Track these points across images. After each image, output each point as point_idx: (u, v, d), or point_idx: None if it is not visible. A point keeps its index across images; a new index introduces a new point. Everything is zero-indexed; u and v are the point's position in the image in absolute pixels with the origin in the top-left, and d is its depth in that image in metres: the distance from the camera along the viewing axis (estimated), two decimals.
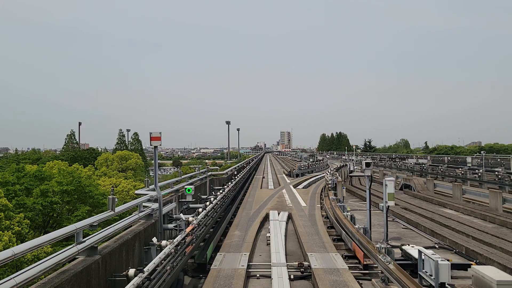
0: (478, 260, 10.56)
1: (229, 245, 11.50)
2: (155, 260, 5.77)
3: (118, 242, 5.97)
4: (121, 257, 6.01)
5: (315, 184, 29.64)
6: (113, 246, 5.80)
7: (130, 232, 6.69)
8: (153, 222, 8.17)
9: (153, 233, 8.14)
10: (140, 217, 7.59)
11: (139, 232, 7.00)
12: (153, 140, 8.32)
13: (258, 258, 10.98)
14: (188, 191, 12.33)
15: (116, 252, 5.79)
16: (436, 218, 16.32)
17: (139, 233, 6.95)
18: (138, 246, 6.92)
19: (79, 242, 5.00)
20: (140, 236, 7.00)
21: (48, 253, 18.79)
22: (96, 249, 5.29)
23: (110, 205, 6.04)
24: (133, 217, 7.04)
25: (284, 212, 16.50)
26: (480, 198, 20.71)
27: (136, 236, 6.79)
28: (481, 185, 29.03)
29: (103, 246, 5.75)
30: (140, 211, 7.73)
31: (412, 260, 9.72)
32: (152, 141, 8.34)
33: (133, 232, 6.76)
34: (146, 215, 7.97)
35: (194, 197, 15.22)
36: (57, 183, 31.48)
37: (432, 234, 13.95)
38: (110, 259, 5.59)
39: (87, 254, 5.19)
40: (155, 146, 8.62)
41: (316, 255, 10.30)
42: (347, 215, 13.47)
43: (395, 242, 13.29)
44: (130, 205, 7.19)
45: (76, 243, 4.98)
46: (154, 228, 8.24)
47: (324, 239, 12.28)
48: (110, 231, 5.80)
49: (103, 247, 5.65)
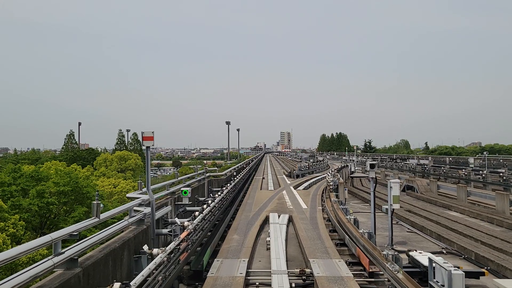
0: (489, 267, 10.03)
1: (227, 250, 10.97)
2: (144, 272, 5.23)
3: (103, 251, 5.42)
4: (107, 269, 5.47)
5: (316, 185, 29.13)
6: (97, 256, 5.25)
7: (118, 240, 6.14)
8: (145, 228, 7.61)
9: (145, 240, 7.58)
10: (131, 223, 7.04)
11: (129, 239, 6.45)
12: (145, 140, 7.78)
13: (258, 264, 10.44)
14: (185, 193, 11.79)
15: (100, 263, 5.25)
16: (442, 221, 15.79)
17: (128, 241, 6.40)
18: (127, 255, 6.37)
19: (57, 254, 4.47)
20: (129, 244, 6.46)
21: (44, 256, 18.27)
22: (76, 261, 4.76)
23: (94, 211, 5.49)
24: (122, 223, 6.48)
25: (285, 215, 15.98)
26: (486, 200, 20.17)
27: (125, 244, 6.24)
28: (485, 186, 28.48)
29: (86, 257, 5.21)
30: (131, 216, 7.19)
31: (421, 268, 9.18)
32: (144, 141, 7.80)
33: (121, 239, 6.21)
34: (138, 221, 7.43)
35: (191, 199, 14.70)
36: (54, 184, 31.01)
37: (439, 238, 13.42)
38: (93, 271, 5.05)
39: (66, 267, 4.66)
40: (148, 147, 8.07)
41: (319, 262, 9.77)
42: (350, 218, 12.95)
43: (400, 247, 12.79)
44: (118, 211, 6.63)
45: (53, 254, 4.46)
46: (146, 234, 7.69)
47: (327, 243, 11.74)
48: (93, 241, 5.26)
49: (86, 258, 5.11)
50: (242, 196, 21.95)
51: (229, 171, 26.46)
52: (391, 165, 58.11)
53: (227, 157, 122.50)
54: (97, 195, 5.78)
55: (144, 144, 7.84)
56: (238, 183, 22.21)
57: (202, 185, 17.89)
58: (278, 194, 23.43)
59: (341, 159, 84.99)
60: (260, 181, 32.97)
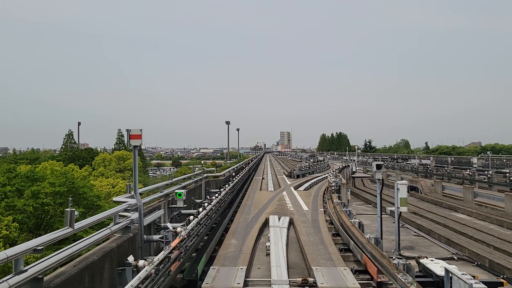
0: (505, 276, 9.33)
1: (224, 256, 10.25)
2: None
3: (78, 266, 4.68)
4: (82, 286, 4.73)
5: (317, 185, 28.45)
6: (70, 272, 4.50)
7: (97, 252, 5.40)
8: (131, 236, 6.87)
9: (132, 249, 6.84)
10: (114, 231, 6.31)
11: (111, 250, 5.70)
12: (132, 138, 7.04)
13: (257, 272, 9.72)
14: (179, 195, 11.06)
15: (74, 280, 4.51)
16: (450, 224, 15.07)
17: (110, 252, 5.65)
18: (109, 268, 5.64)
19: (17, 273, 3.76)
20: (111, 255, 5.72)
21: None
22: (41, 280, 4.02)
23: (67, 219, 4.75)
24: (103, 231, 5.71)
25: (285, 217, 15.27)
26: (494, 201, 19.44)
27: (106, 256, 5.50)
28: (490, 187, 27.72)
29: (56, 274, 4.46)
30: (116, 222, 6.47)
31: (433, 277, 8.45)
32: (132, 140, 7.06)
33: (101, 251, 5.46)
34: (123, 228, 6.70)
35: (187, 201, 13.98)
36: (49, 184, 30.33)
37: (448, 243, 12.70)
38: None
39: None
40: (135, 146, 7.34)
41: (322, 270, 9.05)
42: (354, 222, 12.23)
43: (408, 252, 12.09)
44: (97, 219, 5.85)
45: (13, 273, 3.75)
46: (132, 243, 6.95)
47: (330, 249, 11.02)
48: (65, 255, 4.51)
49: (56, 276, 4.37)
50: (241, 197, 21.27)
51: (227, 171, 25.73)
52: (393, 165, 57.36)
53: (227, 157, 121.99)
54: (71, 200, 5.00)
55: (131, 143, 7.10)
56: (237, 184, 21.51)
57: (199, 186, 17.16)
58: (278, 195, 22.75)
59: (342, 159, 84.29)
60: (259, 181, 32.29)
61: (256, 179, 34.41)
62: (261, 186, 28.41)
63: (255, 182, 31.88)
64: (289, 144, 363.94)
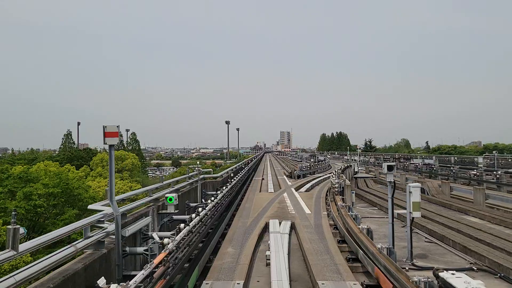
0: None
1: (219, 268, 9.21)
2: None
3: None
4: None
5: (318, 186, 27.46)
6: None
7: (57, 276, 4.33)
8: (105, 253, 5.79)
9: (105, 269, 5.76)
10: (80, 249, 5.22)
11: (75, 273, 4.61)
12: (108, 136, 5.96)
13: (255, 285, 8.68)
14: (170, 200, 9.99)
15: None
16: (464, 229, 14.00)
17: (74, 275, 4.57)
18: None
19: None
20: (75, 279, 4.63)
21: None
22: None
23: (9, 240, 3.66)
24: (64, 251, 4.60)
25: (286, 222, 14.24)
26: (508, 204, 18.37)
27: (68, 281, 4.42)
28: (499, 188, 26.66)
29: None
30: (86, 237, 5.40)
31: None
32: (107, 138, 5.98)
33: (62, 275, 4.40)
34: (95, 243, 5.63)
35: (181, 206, 12.92)
36: (42, 185, 29.27)
37: (465, 250, 11.63)
38: None
39: None
40: (111, 145, 6.26)
41: (329, 285, 8.01)
42: (362, 228, 11.16)
43: (421, 261, 11.03)
44: (54, 236, 4.67)
45: None
46: (107, 261, 5.88)
47: (336, 259, 9.97)
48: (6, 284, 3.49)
49: None
50: (240, 199, 20.26)
51: (225, 172, 24.64)
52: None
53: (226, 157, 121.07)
54: (14, 215, 3.84)
55: (107, 142, 6.00)
56: (236, 185, 20.47)
57: (194, 189, 16.09)
58: (279, 197, 21.74)
59: (343, 158, 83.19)
60: (259, 182, 31.30)
61: (256, 180, 33.42)
62: (261, 187, 27.42)
63: (255, 183, 30.89)
64: (289, 143, 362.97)
